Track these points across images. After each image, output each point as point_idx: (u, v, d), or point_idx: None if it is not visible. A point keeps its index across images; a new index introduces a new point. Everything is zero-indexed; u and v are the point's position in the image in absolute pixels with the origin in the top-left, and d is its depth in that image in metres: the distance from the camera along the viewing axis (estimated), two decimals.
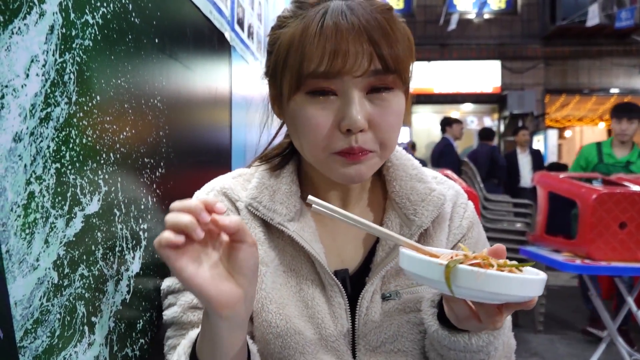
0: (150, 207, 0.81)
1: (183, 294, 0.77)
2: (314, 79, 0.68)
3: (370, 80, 0.68)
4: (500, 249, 0.62)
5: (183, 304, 0.76)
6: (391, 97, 0.70)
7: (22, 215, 0.48)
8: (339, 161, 0.71)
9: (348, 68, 0.66)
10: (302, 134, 0.72)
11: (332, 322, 0.76)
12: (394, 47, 0.68)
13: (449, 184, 0.87)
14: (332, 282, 0.76)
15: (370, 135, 0.70)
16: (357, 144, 0.69)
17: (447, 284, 0.56)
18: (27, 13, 0.48)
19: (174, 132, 0.91)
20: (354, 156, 0.70)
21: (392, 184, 0.82)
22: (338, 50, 0.66)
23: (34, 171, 0.49)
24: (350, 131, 0.68)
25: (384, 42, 0.67)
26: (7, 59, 0.45)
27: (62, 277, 0.55)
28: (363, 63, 0.66)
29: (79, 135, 0.58)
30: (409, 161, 0.84)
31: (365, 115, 0.69)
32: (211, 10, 1.17)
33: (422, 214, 0.78)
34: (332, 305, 0.76)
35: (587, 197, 2.49)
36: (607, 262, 2.45)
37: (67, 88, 0.55)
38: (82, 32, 0.58)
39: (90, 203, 0.61)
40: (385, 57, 0.67)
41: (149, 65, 0.79)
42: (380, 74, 0.68)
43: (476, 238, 0.84)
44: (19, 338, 0.48)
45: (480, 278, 0.54)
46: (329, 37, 0.66)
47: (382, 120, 0.70)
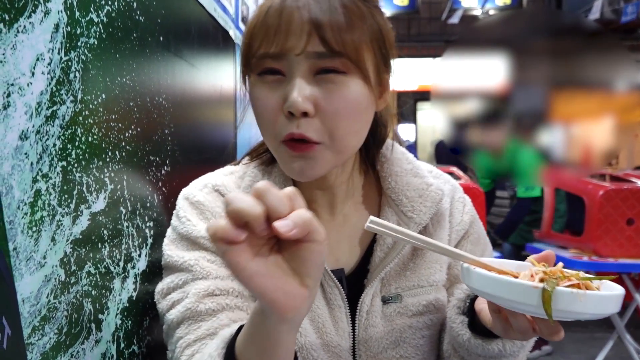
0: (156, 205, 0.81)
1: (194, 283, 0.69)
2: (259, 60, 0.66)
3: (315, 62, 0.64)
4: (550, 255, 0.59)
5: (197, 293, 0.67)
6: (342, 81, 0.65)
7: (29, 213, 0.48)
8: (286, 153, 0.67)
9: (288, 46, 0.64)
10: (256, 117, 0.70)
11: (332, 327, 0.72)
12: (342, 30, 0.64)
13: (444, 177, 0.84)
14: (331, 283, 0.73)
15: (316, 122, 0.65)
16: (298, 129, 0.64)
17: (547, 310, 0.52)
18: (33, 11, 0.48)
19: (179, 129, 0.91)
20: (297, 147, 0.65)
21: (387, 180, 0.78)
22: (279, 29, 0.64)
23: (40, 169, 0.50)
24: (293, 115, 0.64)
25: (327, 22, 0.63)
26: (12, 57, 0.45)
27: (69, 275, 0.55)
28: (301, 41, 0.63)
29: (84, 134, 0.58)
30: (403, 155, 0.81)
31: (309, 97, 0.64)
32: (215, 8, 1.17)
33: (420, 211, 0.75)
34: (332, 308, 0.73)
35: (594, 193, 2.47)
36: (615, 258, 2.44)
37: (73, 86, 0.55)
38: (87, 30, 0.58)
39: (97, 201, 0.61)
40: (327, 38, 0.63)
41: (154, 63, 0.79)
42: (324, 56, 0.64)
43: (478, 234, 0.82)
44: (26, 335, 0.48)
45: (582, 300, 0.52)
46: (272, 17, 0.65)
47: (329, 105, 0.65)
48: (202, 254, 0.71)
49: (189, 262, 0.70)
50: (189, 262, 0.70)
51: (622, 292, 0.55)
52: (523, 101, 2.51)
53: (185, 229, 0.73)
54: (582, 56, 2.45)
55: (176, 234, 0.74)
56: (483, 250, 0.82)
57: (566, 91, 2.52)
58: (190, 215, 0.74)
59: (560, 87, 2.53)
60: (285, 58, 0.65)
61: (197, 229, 0.72)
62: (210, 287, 0.68)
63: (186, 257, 0.71)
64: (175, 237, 0.74)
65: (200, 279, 0.69)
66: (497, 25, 2.78)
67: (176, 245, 0.73)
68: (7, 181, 0.45)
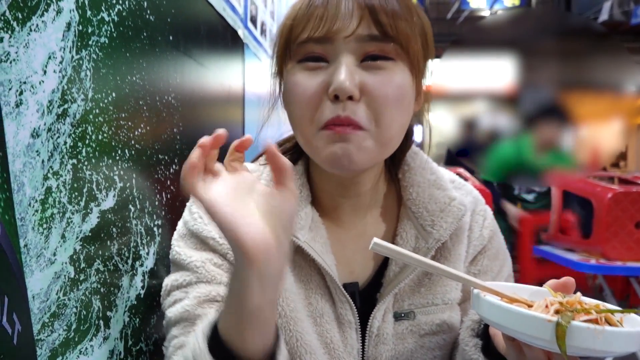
0: (165, 203, 0.81)
1: (197, 286, 0.67)
2: (303, 44, 0.64)
3: (365, 46, 0.62)
4: (570, 283, 0.56)
5: (198, 297, 0.66)
6: (391, 67, 0.63)
7: (39, 210, 0.48)
8: (325, 137, 0.63)
9: (336, 28, 0.62)
10: (292, 104, 0.66)
11: (341, 343, 0.70)
12: (395, 16, 0.62)
13: (466, 189, 0.80)
14: (342, 298, 0.70)
15: (362, 107, 0.62)
16: (344, 112, 0.62)
17: (561, 346, 0.48)
18: (45, 10, 0.48)
19: (188, 128, 0.91)
20: (340, 127, 0.62)
21: (408, 190, 0.74)
22: (327, 13, 0.62)
23: (51, 167, 0.50)
24: (338, 98, 0.61)
25: (381, 7, 0.62)
26: (25, 55, 0.45)
27: (78, 272, 0.56)
28: (352, 23, 0.61)
29: (95, 132, 0.58)
30: (427, 164, 0.77)
31: (355, 81, 0.62)
32: (224, 8, 1.18)
33: (441, 226, 0.71)
34: (342, 324, 0.70)
35: (603, 196, 2.46)
36: (623, 261, 2.42)
37: (84, 85, 0.55)
38: (98, 29, 0.58)
39: (106, 199, 0.61)
40: (382, 22, 0.61)
41: (163, 62, 0.79)
42: (376, 39, 0.62)
43: (497, 248, 0.78)
44: (36, 331, 0.48)
45: (600, 338, 0.47)
46: (320, 2, 0.63)
47: (376, 90, 0.62)
48: (210, 255, 0.70)
49: (195, 263, 0.69)
50: (195, 264, 0.69)
51: None
52: (531, 102, 2.50)
53: (196, 226, 0.71)
54: (588, 58, 2.43)
55: (186, 229, 0.72)
56: (501, 266, 0.78)
57: (574, 93, 2.51)
58: (203, 211, 0.71)
59: (568, 88, 2.51)
60: (331, 42, 0.62)
61: (207, 229, 0.70)
62: (211, 293, 0.67)
63: (194, 257, 0.69)
64: (185, 233, 0.72)
65: (204, 283, 0.68)
66: (500, 25, 2.76)
67: (185, 242, 0.72)
68: (18, 178, 0.45)
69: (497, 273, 0.78)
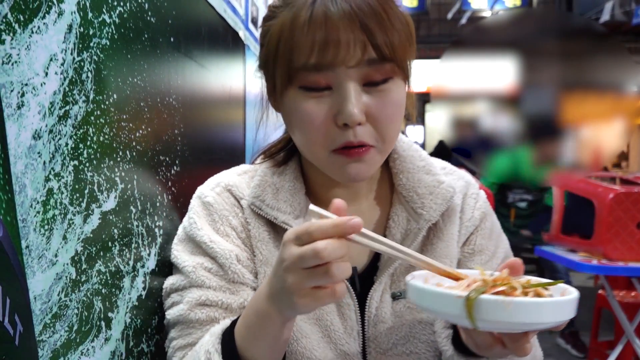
0: (166, 205, 0.81)
1: (189, 290, 0.73)
2: (306, 72, 0.64)
3: (365, 70, 0.64)
4: (517, 263, 0.57)
5: (190, 301, 0.72)
6: (390, 87, 0.66)
7: (41, 212, 0.48)
8: (339, 160, 0.67)
9: (340, 59, 0.62)
10: (299, 130, 0.68)
11: (340, 324, 0.73)
12: (389, 33, 0.63)
13: (458, 174, 0.83)
14: None
15: (369, 128, 0.66)
16: (356, 138, 0.65)
17: (470, 319, 0.49)
18: (47, 12, 0.48)
19: (189, 130, 0.91)
20: (354, 152, 0.66)
21: (398, 176, 0.78)
22: (328, 39, 0.61)
23: (52, 168, 0.50)
24: (347, 126, 0.64)
25: (377, 28, 0.62)
26: (27, 57, 0.46)
27: (80, 273, 0.56)
28: (356, 52, 0.62)
29: (96, 133, 0.58)
30: (416, 152, 0.81)
31: (362, 108, 0.64)
32: (225, 9, 1.18)
33: (430, 207, 0.75)
34: (340, 306, 0.73)
35: (604, 196, 2.45)
36: (624, 262, 2.41)
37: (85, 86, 0.56)
38: (100, 31, 0.59)
39: (107, 200, 0.62)
40: (380, 45, 0.62)
41: (164, 63, 0.79)
42: (376, 63, 0.64)
43: (490, 229, 0.81)
44: (38, 332, 0.49)
45: (509, 308, 0.48)
46: (318, 26, 0.62)
47: (380, 113, 0.66)
48: (202, 259, 0.74)
49: (187, 268, 0.73)
50: (188, 269, 0.73)
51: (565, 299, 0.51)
52: (531, 103, 2.50)
53: (191, 231, 0.76)
54: (589, 59, 2.43)
55: (184, 234, 0.77)
56: (496, 247, 0.81)
57: (576, 93, 2.50)
58: (198, 217, 0.76)
59: (569, 89, 2.51)
60: (333, 69, 0.63)
61: (200, 233, 0.74)
62: (202, 297, 0.72)
63: (187, 262, 0.74)
64: (184, 238, 0.77)
65: (195, 287, 0.73)
66: (501, 26, 2.76)
67: (183, 246, 0.76)
68: (20, 180, 0.45)
69: (493, 253, 0.80)
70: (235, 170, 0.82)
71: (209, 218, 0.76)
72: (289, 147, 0.80)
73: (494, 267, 0.78)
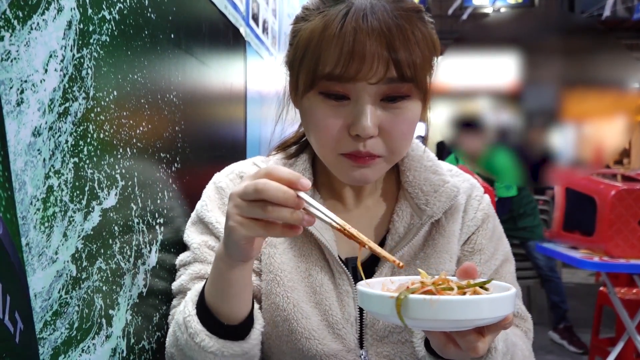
0: (167, 202, 0.81)
1: (193, 264, 0.78)
2: (328, 81, 0.67)
3: (384, 87, 0.67)
4: (471, 267, 0.58)
5: (191, 274, 0.77)
6: (406, 105, 0.69)
7: (41, 209, 0.48)
8: (346, 163, 0.71)
9: (363, 74, 0.65)
10: (312, 132, 0.72)
11: (339, 310, 0.76)
12: (412, 54, 0.65)
13: (464, 176, 0.86)
14: (340, 269, 0.76)
15: (380, 141, 0.69)
16: (365, 149, 0.68)
17: (400, 317, 0.51)
18: (46, 9, 0.48)
19: (189, 127, 0.91)
20: (361, 160, 0.69)
21: (405, 174, 0.81)
22: (354, 53, 0.64)
23: (52, 165, 0.50)
24: (359, 137, 0.68)
25: (402, 48, 0.65)
26: (26, 54, 0.45)
27: (81, 270, 0.56)
28: (379, 70, 0.65)
29: (96, 130, 0.58)
30: (425, 153, 0.84)
31: (376, 122, 0.67)
32: (226, 6, 1.18)
33: (434, 205, 0.77)
34: (340, 293, 0.76)
35: (606, 193, 2.45)
36: (626, 259, 2.41)
37: (85, 83, 0.55)
38: (100, 27, 0.58)
39: (108, 197, 0.61)
40: (402, 65, 0.65)
41: (165, 60, 0.79)
42: (396, 82, 0.66)
43: (491, 230, 0.83)
44: (38, 329, 0.48)
45: (434, 306, 0.49)
46: (346, 40, 0.64)
47: (393, 129, 0.69)
48: (207, 238, 0.80)
49: (194, 245, 0.80)
50: (194, 245, 0.79)
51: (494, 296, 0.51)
52: (533, 100, 2.49)
53: (202, 213, 0.81)
54: (590, 56, 2.42)
55: (196, 215, 0.82)
56: (496, 248, 0.82)
57: (577, 90, 2.50)
58: (210, 200, 0.81)
59: (571, 86, 2.50)
60: (355, 83, 0.66)
61: (209, 215, 0.80)
62: (201, 271, 0.77)
63: (195, 240, 0.80)
64: (196, 220, 0.82)
65: (198, 262, 0.79)
66: (503, 23, 2.75)
67: (195, 227, 0.82)
68: (20, 177, 0.45)
69: (492, 254, 0.82)
70: (250, 159, 0.87)
71: (219, 202, 0.81)
72: (302, 141, 0.85)
73: (492, 267, 0.81)
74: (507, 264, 0.83)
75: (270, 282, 0.77)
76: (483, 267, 0.80)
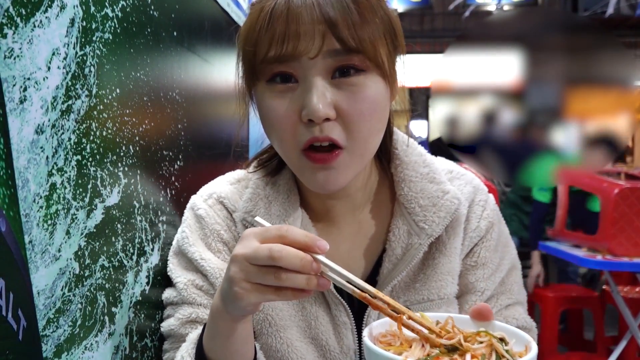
0: (169, 199, 0.81)
1: (181, 307, 0.74)
2: (268, 65, 0.62)
3: (331, 61, 0.61)
4: (486, 310, 0.54)
5: (181, 318, 0.72)
6: (362, 81, 0.62)
7: (44, 207, 0.48)
8: (307, 165, 0.64)
9: (301, 49, 0.60)
10: (268, 128, 0.66)
11: (337, 344, 0.71)
12: (356, 25, 0.60)
13: (466, 178, 0.78)
14: (336, 300, 0.71)
15: (338, 126, 0.62)
16: (322, 133, 0.61)
17: None
18: (49, 6, 0.48)
19: (192, 124, 0.91)
20: (320, 157, 0.63)
21: (400, 185, 0.74)
22: (288, 31, 0.59)
23: (55, 163, 0.50)
24: (312, 122, 0.61)
25: (341, 19, 0.59)
26: (29, 51, 0.45)
27: (83, 268, 0.56)
28: (316, 43, 0.59)
29: (99, 128, 0.58)
30: (420, 157, 0.76)
31: (329, 102, 0.61)
32: (229, 3, 1.18)
33: (433, 221, 0.71)
34: (336, 325, 0.71)
35: (609, 191, 2.44)
36: (629, 257, 2.41)
37: (88, 81, 0.55)
38: (102, 25, 0.58)
39: (110, 195, 0.62)
40: (344, 37, 0.59)
41: (167, 58, 0.79)
42: (340, 54, 0.60)
43: (496, 240, 0.76)
44: (41, 327, 0.49)
45: None
46: (278, 18, 0.60)
47: (351, 108, 0.61)
48: (194, 276, 0.74)
49: (179, 285, 0.74)
50: (180, 285, 0.74)
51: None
52: (536, 98, 2.49)
53: (183, 246, 0.75)
54: (592, 53, 2.41)
55: (177, 247, 0.77)
56: (501, 258, 0.77)
57: (580, 88, 2.49)
58: (191, 231, 0.76)
59: (574, 84, 2.49)
60: (297, 60, 0.61)
61: (192, 250, 0.74)
62: (192, 315, 0.72)
63: (180, 278, 0.75)
64: (177, 251, 0.77)
65: (187, 304, 0.73)
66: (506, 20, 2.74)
67: (177, 260, 0.77)
68: (23, 174, 0.45)
69: (497, 266, 0.76)
70: (228, 178, 0.80)
71: (201, 232, 0.75)
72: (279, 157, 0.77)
73: (497, 280, 0.76)
74: (514, 272, 0.78)
75: (261, 321, 0.71)
76: (487, 282, 0.74)
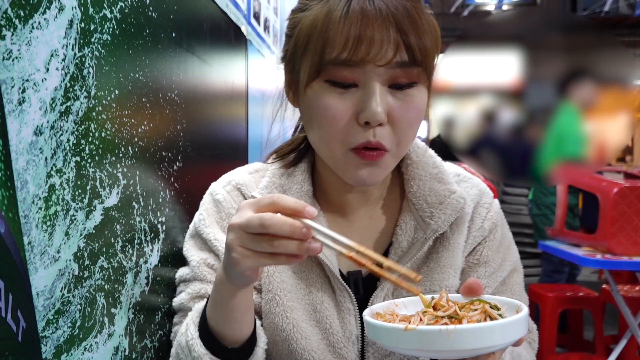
0: (168, 200, 0.81)
1: (192, 283, 0.77)
2: (335, 66, 0.64)
3: (393, 72, 0.64)
4: (475, 284, 0.57)
5: (191, 293, 0.76)
6: (414, 92, 0.66)
7: (43, 208, 0.48)
8: (354, 161, 0.67)
9: (372, 56, 0.62)
10: (318, 125, 0.68)
11: (340, 328, 0.74)
12: (422, 37, 0.64)
13: (472, 182, 0.82)
14: (341, 287, 0.74)
15: (388, 130, 0.66)
16: (375, 138, 0.65)
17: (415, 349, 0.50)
18: (47, 8, 0.48)
19: (191, 125, 0.91)
20: (369, 155, 0.66)
21: (409, 183, 0.77)
22: (363, 36, 0.62)
23: (54, 164, 0.50)
24: (369, 124, 0.65)
25: (412, 31, 0.63)
26: (27, 53, 0.45)
27: (83, 269, 0.56)
28: (388, 52, 0.62)
29: (98, 129, 0.58)
30: (430, 159, 0.80)
31: (385, 108, 0.65)
32: (227, 4, 1.18)
33: (439, 218, 0.74)
34: (341, 310, 0.74)
35: (609, 190, 2.45)
36: (629, 257, 2.41)
37: (86, 82, 0.55)
38: (101, 26, 0.58)
39: (110, 196, 0.62)
40: (413, 48, 0.63)
41: (166, 59, 0.79)
42: (406, 66, 0.64)
43: (499, 240, 0.79)
44: (41, 328, 0.49)
45: (451, 336, 0.48)
46: (354, 22, 0.62)
47: (402, 116, 0.66)
48: (207, 255, 0.78)
49: (192, 263, 0.78)
50: (193, 263, 0.78)
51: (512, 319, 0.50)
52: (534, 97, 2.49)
53: (200, 228, 0.79)
54: (592, 53, 2.41)
55: (194, 229, 0.81)
56: (503, 259, 0.79)
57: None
58: (208, 214, 0.80)
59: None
60: (363, 66, 0.63)
61: (207, 231, 0.78)
62: (201, 291, 0.76)
63: (194, 257, 0.78)
64: (194, 233, 0.81)
65: (198, 281, 0.77)
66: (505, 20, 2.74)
67: (194, 241, 0.80)
68: (22, 176, 0.45)
69: (499, 265, 0.78)
70: (247, 168, 0.84)
71: (217, 216, 0.79)
72: (301, 148, 0.81)
73: (498, 279, 0.78)
74: (515, 275, 0.80)
75: (269, 301, 0.75)
76: (488, 279, 0.77)
